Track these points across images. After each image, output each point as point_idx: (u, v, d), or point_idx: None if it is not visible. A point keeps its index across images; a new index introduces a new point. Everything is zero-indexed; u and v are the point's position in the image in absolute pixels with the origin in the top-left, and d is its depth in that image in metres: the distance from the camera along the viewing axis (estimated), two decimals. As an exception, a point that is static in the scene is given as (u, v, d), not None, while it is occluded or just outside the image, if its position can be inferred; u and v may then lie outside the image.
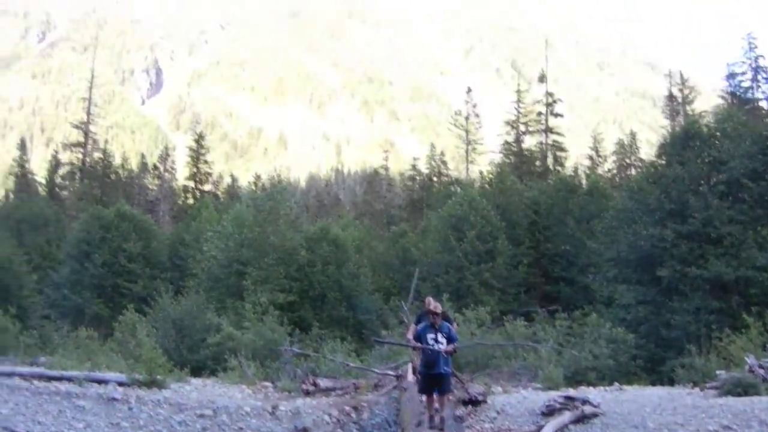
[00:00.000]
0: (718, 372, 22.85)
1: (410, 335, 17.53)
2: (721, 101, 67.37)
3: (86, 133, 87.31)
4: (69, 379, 24.31)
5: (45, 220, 67.51)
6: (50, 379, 24.77)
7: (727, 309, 34.65)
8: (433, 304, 17.30)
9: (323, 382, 25.15)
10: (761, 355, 23.24)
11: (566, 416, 18.78)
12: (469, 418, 19.75)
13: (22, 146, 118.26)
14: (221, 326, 37.26)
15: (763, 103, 62.48)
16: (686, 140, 41.56)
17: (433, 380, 15.91)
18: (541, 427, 18.31)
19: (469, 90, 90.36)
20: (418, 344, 16.15)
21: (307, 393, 24.16)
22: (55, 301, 54.23)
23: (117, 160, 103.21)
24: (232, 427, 20.54)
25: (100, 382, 24.32)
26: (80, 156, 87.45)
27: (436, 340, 15.78)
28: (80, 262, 55.43)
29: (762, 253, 35.10)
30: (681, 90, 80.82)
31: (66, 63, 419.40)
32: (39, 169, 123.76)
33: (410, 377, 21.42)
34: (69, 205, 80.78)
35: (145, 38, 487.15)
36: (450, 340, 15.97)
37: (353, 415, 21.57)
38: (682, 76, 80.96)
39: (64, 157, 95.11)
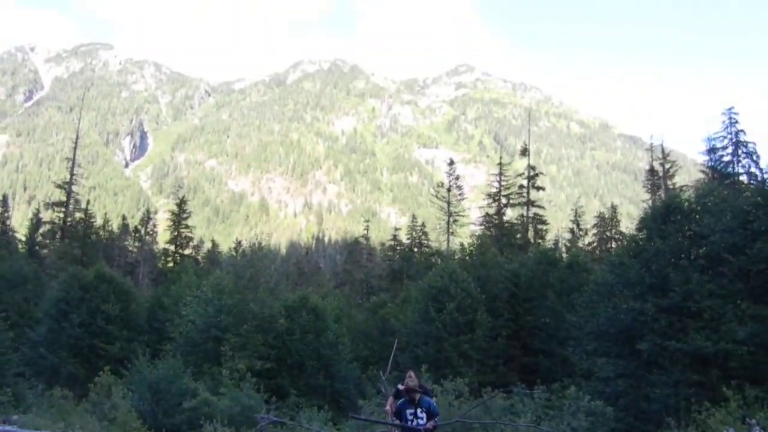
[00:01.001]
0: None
1: (389, 407, 17.31)
2: (701, 175, 67.86)
3: (69, 193, 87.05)
4: (40, 439, 24.12)
5: (24, 278, 67.11)
6: (23, 438, 24.55)
7: (707, 382, 34.57)
8: (408, 378, 17.11)
9: (299, 451, 24.97)
10: (740, 429, 23.16)
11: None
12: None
13: (4, 203, 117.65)
14: (197, 391, 37.09)
15: (743, 178, 62.86)
16: (667, 214, 41.72)
17: None
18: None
19: (452, 162, 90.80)
20: (397, 422, 15.90)
21: (283, 461, 23.98)
22: (31, 359, 53.68)
23: (98, 221, 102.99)
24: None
25: (73, 442, 24.13)
26: (62, 215, 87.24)
27: (416, 416, 15.53)
28: (58, 321, 55.02)
29: (742, 327, 35.08)
30: (662, 164, 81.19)
31: (51, 122, 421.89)
32: (20, 227, 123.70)
33: (387, 448, 21.23)
34: (48, 264, 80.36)
35: (130, 101, 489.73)
36: (430, 414, 15.72)
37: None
38: (663, 150, 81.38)
39: (46, 215, 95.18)
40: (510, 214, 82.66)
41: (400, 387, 16.49)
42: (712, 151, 66.07)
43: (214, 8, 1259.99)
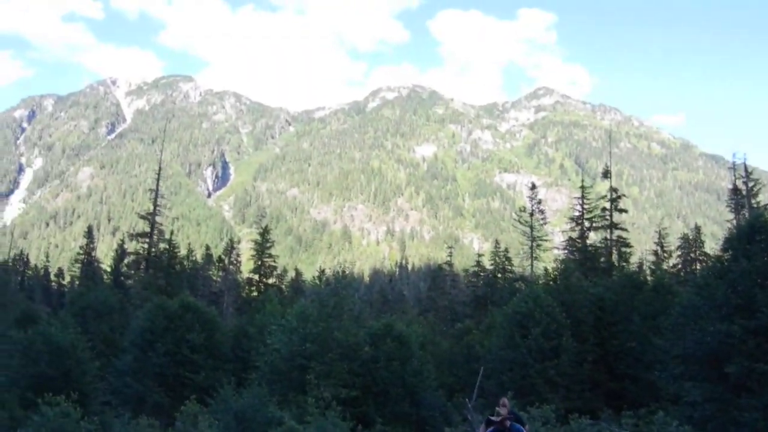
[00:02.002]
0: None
1: (481, 431, 17.24)
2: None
3: (152, 224, 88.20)
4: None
5: (109, 308, 68.21)
6: (110, 467, 24.97)
7: (797, 406, 34.09)
8: (500, 406, 17.06)
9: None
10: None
11: None
12: None
13: (89, 234, 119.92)
14: (283, 420, 37.25)
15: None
16: (752, 234, 41.17)
17: None
18: None
19: (533, 186, 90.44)
20: None
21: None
22: (117, 388, 54.45)
23: (182, 251, 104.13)
24: None
25: (160, 471, 24.49)
26: (146, 246, 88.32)
27: None
28: (143, 350, 55.57)
29: (833, 348, 34.60)
30: (745, 182, 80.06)
31: (134, 154, 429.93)
32: (105, 257, 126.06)
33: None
34: (133, 294, 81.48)
35: (211, 132, 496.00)
36: None
37: None
38: (746, 168, 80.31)
39: (130, 246, 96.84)
40: (593, 238, 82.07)
41: (492, 417, 16.43)
42: (796, 166, 65.14)
43: (292, 39, 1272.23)
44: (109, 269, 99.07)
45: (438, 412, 48.21)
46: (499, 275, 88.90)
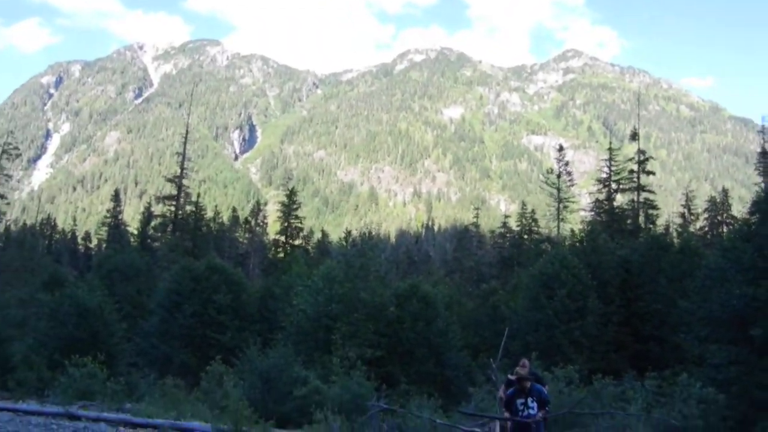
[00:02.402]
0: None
1: (501, 394, 17.23)
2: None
3: (179, 187, 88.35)
4: (154, 427, 24.71)
5: (136, 271, 68.58)
6: (136, 425, 25.19)
7: (821, 369, 34.02)
8: (518, 367, 16.99)
9: (410, 438, 25.15)
10: None
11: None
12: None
13: (116, 198, 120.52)
14: (308, 379, 37.42)
15: None
16: (780, 197, 41.05)
17: None
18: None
19: (561, 148, 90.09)
20: (507, 416, 15.59)
21: (394, 448, 24.17)
22: (144, 350, 54.94)
23: (209, 214, 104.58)
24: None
25: (185, 430, 24.61)
26: (172, 209, 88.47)
27: (527, 405, 15.07)
28: (170, 312, 56.14)
29: None
30: (774, 146, 79.72)
31: (161, 118, 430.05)
32: (132, 221, 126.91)
33: (497, 435, 21.27)
34: (160, 257, 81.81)
35: (239, 96, 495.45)
36: (542, 402, 15.33)
37: (440, 471, 21.53)
38: (775, 132, 79.88)
39: (157, 209, 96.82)
40: (620, 200, 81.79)
41: (511, 377, 16.40)
42: (825, 129, 64.71)
43: (320, 1, 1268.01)
44: (135, 232, 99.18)
45: (462, 372, 48.34)
46: (526, 236, 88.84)
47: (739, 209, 79.91)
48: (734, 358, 37.30)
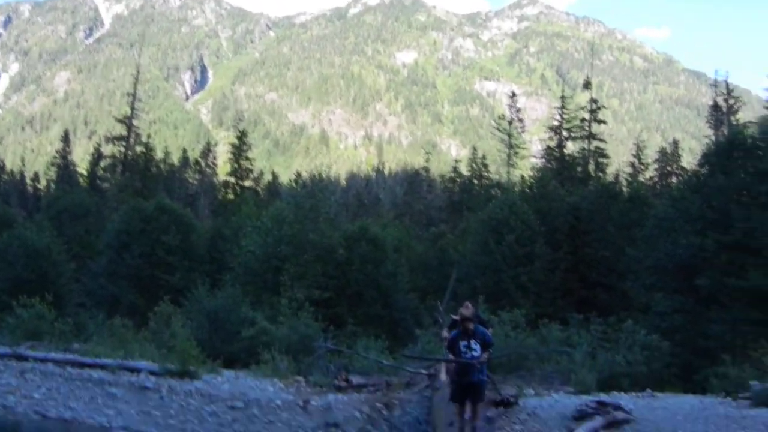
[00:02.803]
0: (752, 383, 22.66)
1: (445, 334, 17.11)
2: (766, 112, 66.84)
3: (129, 127, 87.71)
4: (102, 367, 24.52)
5: (85, 211, 68.05)
6: (83, 365, 24.98)
7: (765, 320, 34.35)
8: (463, 308, 16.82)
9: (355, 379, 25.20)
10: (798, 369, 23.03)
11: (598, 421, 18.67)
12: (500, 420, 19.62)
13: (66, 138, 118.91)
14: (256, 320, 37.38)
15: (809, 116, 61.75)
16: (730, 150, 41.31)
17: (465, 389, 15.08)
18: (573, 431, 18.22)
19: (513, 94, 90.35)
20: (450, 357, 15.44)
21: (339, 389, 24.20)
22: (92, 290, 54.69)
23: (159, 155, 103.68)
24: (263, 420, 20.57)
25: (132, 370, 24.52)
26: (122, 149, 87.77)
27: (469, 347, 14.87)
28: (119, 252, 55.90)
29: (804, 266, 34.83)
30: (726, 100, 79.99)
31: (112, 59, 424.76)
32: (81, 161, 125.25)
33: (443, 377, 21.26)
34: (109, 197, 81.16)
35: (190, 37, 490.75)
36: (485, 345, 15.18)
37: (385, 412, 21.55)
38: (727, 85, 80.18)
39: (107, 149, 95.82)
40: (571, 148, 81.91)
41: (455, 317, 16.26)
42: (777, 87, 65.07)
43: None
44: (85, 173, 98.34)
45: (410, 315, 48.58)
46: (476, 181, 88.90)
47: (689, 161, 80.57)
48: (679, 307, 37.74)
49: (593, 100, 79.67)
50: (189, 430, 20.00)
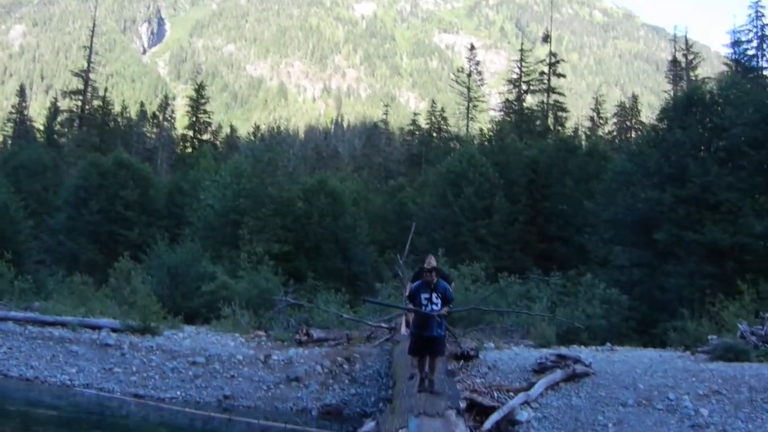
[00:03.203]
0: (709, 337, 22.89)
1: (407, 292, 17.03)
2: (725, 68, 67.09)
3: (86, 81, 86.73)
4: (63, 324, 24.47)
5: (42, 167, 67.18)
6: (44, 324, 24.89)
7: (722, 275, 34.64)
8: (427, 261, 16.84)
9: (316, 333, 25.18)
10: (753, 322, 23.23)
11: (557, 374, 18.80)
12: (461, 373, 19.68)
13: (22, 93, 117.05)
14: (216, 275, 37.40)
15: (766, 72, 62.06)
16: (688, 105, 41.51)
17: (425, 342, 14.94)
18: (533, 384, 18.31)
19: (473, 47, 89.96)
20: (411, 307, 15.30)
21: (300, 343, 24.19)
22: (51, 247, 54.34)
23: (116, 109, 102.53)
24: (224, 375, 20.58)
25: (93, 327, 24.47)
26: (79, 104, 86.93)
27: (431, 300, 14.69)
28: (77, 208, 55.43)
29: (759, 221, 35.09)
30: (685, 55, 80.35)
31: (67, 11, 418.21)
32: (38, 116, 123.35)
33: (403, 330, 21.26)
34: (67, 152, 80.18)
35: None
36: (446, 300, 15.07)
37: (345, 365, 21.58)
38: (687, 41, 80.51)
39: (63, 104, 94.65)
40: (530, 101, 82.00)
41: (422, 266, 16.20)
42: (736, 44, 65.23)
43: None
44: (42, 128, 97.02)
45: (369, 268, 48.61)
46: (434, 134, 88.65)
47: (648, 116, 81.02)
48: (637, 261, 38.07)
49: (552, 54, 79.72)
50: (151, 387, 19.98)
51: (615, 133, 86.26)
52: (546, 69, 79.54)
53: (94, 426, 15.20)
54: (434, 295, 14.46)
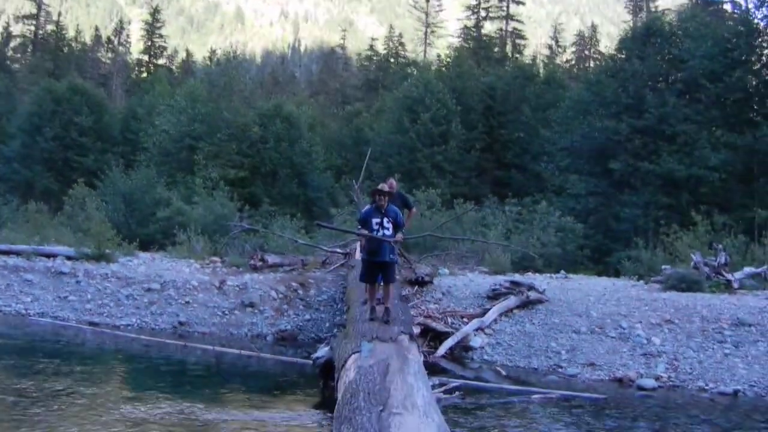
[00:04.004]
0: (663, 267, 23.02)
1: (359, 217, 16.78)
2: (685, 0, 67.03)
3: (39, 5, 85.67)
4: (17, 253, 24.21)
5: (-5, 94, 66.44)
6: (-2, 252, 24.61)
7: (677, 206, 35.03)
8: (382, 184, 16.56)
9: (271, 258, 25.04)
10: (707, 253, 23.37)
11: (511, 300, 18.83)
12: (415, 299, 19.68)
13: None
14: (171, 201, 37.24)
15: (727, 6, 61.97)
16: (647, 36, 41.63)
17: (376, 268, 14.70)
18: (487, 310, 18.35)
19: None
20: (364, 232, 14.95)
21: (255, 268, 24.06)
22: (5, 175, 53.87)
23: (71, 33, 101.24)
24: (179, 302, 20.47)
25: (48, 255, 24.24)
26: (32, 28, 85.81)
27: (382, 225, 14.34)
28: (31, 135, 55.11)
29: (715, 154, 35.38)
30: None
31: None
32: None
33: (358, 255, 21.15)
34: (20, 78, 79.14)
35: None
36: (396, 225, 14.77)
37: (300, 291, 21.52)
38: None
39: (16, 29, 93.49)
40: (488, 28, 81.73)
41: (376, 188, 15.85)
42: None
43: None
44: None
45: (325, 194, 48.63)
46: (392, 60, 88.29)
47: (607, 45, 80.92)
48: (593, 190, 38.32)
49: (512, -20, 79.40)
50: (106, 314, 19.86)
51: (573, 63, 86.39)
52: (505, -4, 79.32)
53: (50, 354, 15.02)
54: (385, 220, 14.08)
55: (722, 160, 35.13)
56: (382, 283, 14.25)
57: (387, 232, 13.79)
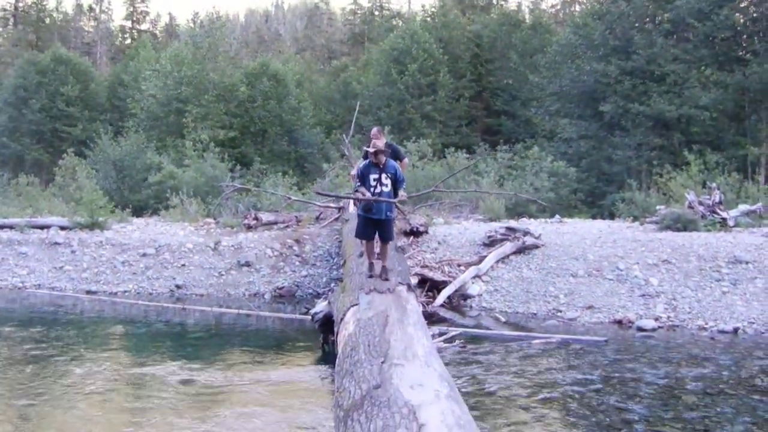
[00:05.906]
0: (658, 207, 23.02)
1: (355, 171, 16.42)
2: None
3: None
4: (10, 227, 24.17)
5: (-22, 68, 66.17)
6: (-9, 228, 24.54)
7: (669, 146, 35.02)
8: (374, 138, 15.99)
9: (265, 217, 24.98)
10: (701, 192, 23.37)
11: (507, 247, 18.81)
12: (411, 249, 19.64)
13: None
14: (162, 165, 37.14)
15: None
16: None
17: (373, 225, 14.32)
18: (483, 257, 18.34)
19: None
20: (367, 195, 14.41)
21: (249, 227, 24.03)
22: (-6, 150, 53.89)
23: (51, 4, 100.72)
24: (175, 265, 20.45)
25: (42, 227, 24.25)
26: (12, 1, 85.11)
27: (380, 181, 13.97)
28: (18, 108, 55.12)
29: (705, 93, 35.26)
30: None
31: None
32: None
33: (352, 209, 21.07)
34: (3, 52, 78.94)
35: None
36: (396, 181, 14.36)
37: (295, 248, 21.48)
38: None
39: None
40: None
41: (367, 149, 15.42)
42: None
43: None
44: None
45: (316, 150, 48.62)
46: (376, 13, 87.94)
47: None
48: (584, 133, 38.23)
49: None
50: (102, 282, 19.86)
51: (559, 7, 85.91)
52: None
53: (49, 324, 14.97)
54: (383, 176, 13.63)
55: (712, 98, 35.02)
56: (380, 241, 13.97)
57: (385, 189, 13.30)
